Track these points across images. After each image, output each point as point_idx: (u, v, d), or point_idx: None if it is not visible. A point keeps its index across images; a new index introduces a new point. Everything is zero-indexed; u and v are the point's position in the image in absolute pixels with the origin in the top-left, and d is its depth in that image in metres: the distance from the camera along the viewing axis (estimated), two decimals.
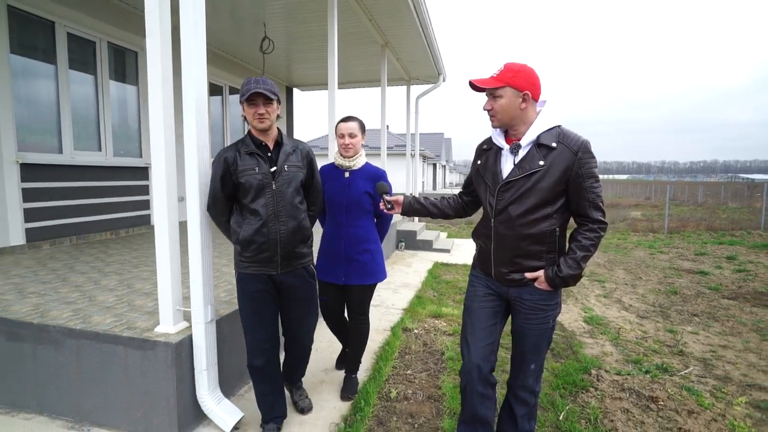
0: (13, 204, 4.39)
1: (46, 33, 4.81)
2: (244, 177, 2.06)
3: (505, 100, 1.71)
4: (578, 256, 1.71)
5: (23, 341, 2.45)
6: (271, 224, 2.08)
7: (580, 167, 1.67)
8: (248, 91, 1.98)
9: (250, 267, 2.13)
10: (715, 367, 3.28)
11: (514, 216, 1.75)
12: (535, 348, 1.87)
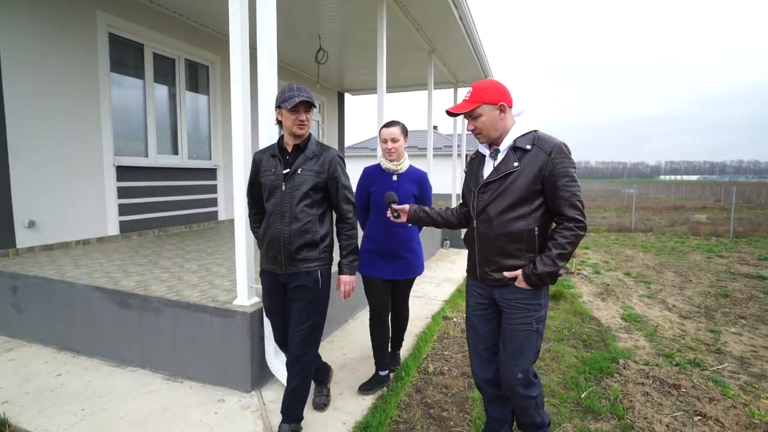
0: (111, 200, 5.19)
1: (137, 54, 5.61)
2: (264, 177, 2.22)
3: (485, 117, 1.83)
4: (553, 254, 1.75)
5: (132, 309, 3.05)
6: (277, 224, 2.15)
7: (554, 167, 1.74)
8: (292, 98, 2.07)
9: (265, 263, 2.26)
10: (752, 365, 3.31)
11: (493, 215, 1.83)
12: (519, 352, 1.86)
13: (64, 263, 3.93)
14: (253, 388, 2.73)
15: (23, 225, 4.29)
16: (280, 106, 2.14)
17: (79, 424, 2.40)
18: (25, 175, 4.28)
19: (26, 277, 3.56)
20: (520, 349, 1.86)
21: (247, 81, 2.80)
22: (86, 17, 4.83)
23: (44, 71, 4.41)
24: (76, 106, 4.75)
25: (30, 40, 4.28)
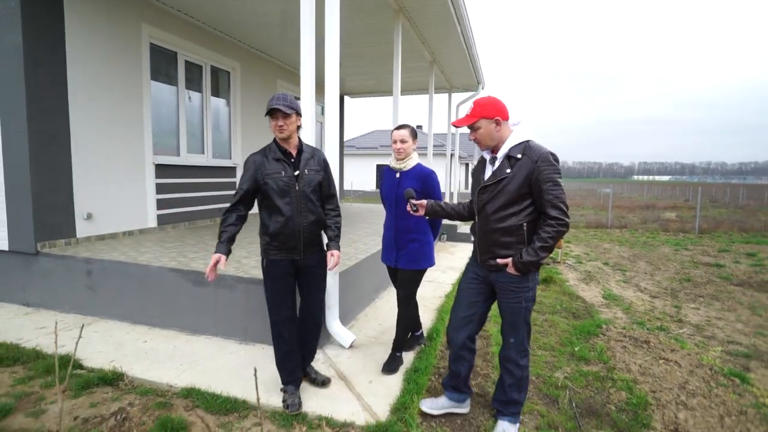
0: (151, 195, 5.71)
1: (172, 61, 6.13)
2: (270, 179, 2.44)
3: (483, 129, 2.19)
4: (536, 246, 2.08)
5: (206, 286, 3.65)
6: (296, 219, 2.46)
7: (540, 173, 2.05)
8: (269, 106, 2.37)
9: (278, 254, 2.50)
10: (705, 330, 4.14)
11: (489, 213, 2.19)
12: (512, 324, 2.29)
13: (125, 250, 4.47)
14: (321, 345, 3.38)
15: (82, 217, 4.79)
16: (268, 113, 2.43)
17: (183, 375, 3.00)
18: (84, 173, 4.78)
19: (101, 261, 4.11)
20: (513, 322, 2.29)
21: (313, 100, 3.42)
22: (133, 29, 5.34)
23: (100, 80, 4.92)
24: (124, 110, 5.26)
25: (89, 54, 4.78)
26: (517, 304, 2.24)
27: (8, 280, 4.52)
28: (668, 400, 2.65)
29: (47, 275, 4.35)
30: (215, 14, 6.19)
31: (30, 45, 4.18)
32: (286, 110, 2.36)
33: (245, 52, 7.55)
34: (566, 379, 2.98)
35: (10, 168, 4.33)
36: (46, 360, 3.14)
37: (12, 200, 4.38)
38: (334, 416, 2.46)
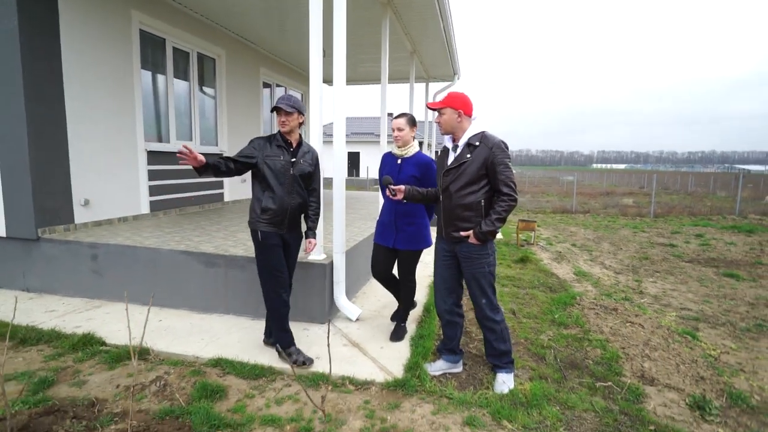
0: (144, 182, 5.77)
1: (160, 48, 6.12)
2: (270, 160, 2.82)
3: (447, 116, 2.62)
4: (492, 218, 2.50)
5: (218, 267, 3.87)
6: (286, 198, 2.85)
7: (494, 158, 2.48)
8: (286, 107, 2.79)
9: (268, 226, 2.86)
10: (662, 299, 4.74)
11: (453, 192, 2.59)
12: (480, 288, 2.65)
13: (127, 235, 4.58)
14: (327, 320, 3.69)
15: (80, 203, 4.83)
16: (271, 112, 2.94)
17: (207, 347, 3.24)
18: (80, 159, 4.81)
19: (106, 245, 4.23)
20: (480, 286, 2.67)
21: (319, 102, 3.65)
22: (123, 16, 5.33)
23: (93, 67, 4.92)
24: (117, 96, 5.28)
25: (82, 41, 4.77)
26: (481, 269, 2.64)
27: (7, 267, 4.55)
28: (635, 354, 3.15)
29: (49, 260, 4.41)
30: (201, 1, 6.21)
31: (25, 30, 4.16)
32: (287, 109, 2.79)
33: (230, 39, 7.57)
34: (550, 340, 3.44)
35: (7, 153, 4.32)
36: (69, 338, 3.29)
37: (9, 186, 4.38)
38: (355, 376, 2.79)
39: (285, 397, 2.58)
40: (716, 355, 3.28)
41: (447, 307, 2.88)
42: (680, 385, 2.76)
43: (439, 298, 2.92)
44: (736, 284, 5.39)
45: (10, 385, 2.66)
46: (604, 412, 2.48)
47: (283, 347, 3.00)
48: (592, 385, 2.78)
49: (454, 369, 2.94)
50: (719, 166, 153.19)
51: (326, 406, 2.49)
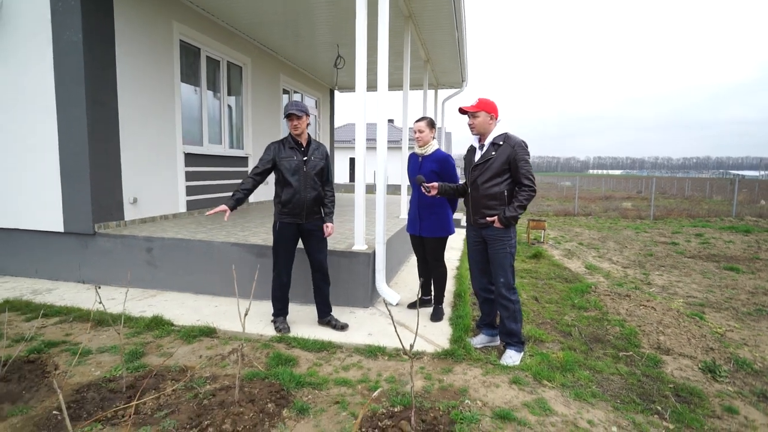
0: (181, 182, 6.14)
1: (196, 57, 6.52)
2: (284, 161, 3.30)
3: (480, 119, 2.99)
4: (515, 205, 2.89)
5: (267, 257, 4.22)
6: (302, 192, 3.32)
7: (516, 155, 2.88)
8: (286, 111, 3.29)
9: (288, 218, 3.36)
10: (670, 289, 5.14)
11: (479, 184, 3.00)
12: (501, 266, 3.00)
13: (176, 230, 4.95)
14: (370, 304, 4.06)
15: (129, 201, 5.20)
16: (285, 116, 3.34)
17: (268, 327, 3.60)
18: (130, 162, 5.18)
19: (161, 239, 4.59)
20: (501, 265, 3.02)
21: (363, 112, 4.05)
22: (166, 28, 5.73)
23: (141, 75, 5.31)
24: (160, 102, 5.66)
25: (133, 51, 5.16)
26: (503, 250, 3.01)
27: (64, 260, 4.90)
28: (650, 330, 3.54)
29: (105, 254, 4.77)
30: (228, 13, 6.61)
31: (88, 41, 4.56)
32: (298, 113, 3.27)
33: (255, 48, 7.98)
34: (573, 320, 3.83)
35: (68, 155, 4.69)
36: (140, 321, 3.65)
37: (68, 186, 4.74)
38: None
39: (350, 365, 2.95)
40: (722, 332, 3.67)
41: (482, 286, 3.28)
42: (692, 354, 3.15)
43: (474, 278, 3.33)
44: (737, 276, 5.80)
45: (105, 356, 3.02)
46: (628, 375, 2.87)
47: (273, 314, 3.59)
48: (615, 355, 3.17)
49: (494, 342, 3.32)
50: (714, 171, 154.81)
51: (387, 371, 2.86)
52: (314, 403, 2.42)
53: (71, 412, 2.31)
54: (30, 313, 3.86)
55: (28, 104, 4.73)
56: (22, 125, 4.78)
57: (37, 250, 5.00)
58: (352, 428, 2.18)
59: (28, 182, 4.86)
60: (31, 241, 4.99)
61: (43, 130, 4.71)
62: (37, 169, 4.81)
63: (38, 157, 4.78)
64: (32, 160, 4.81)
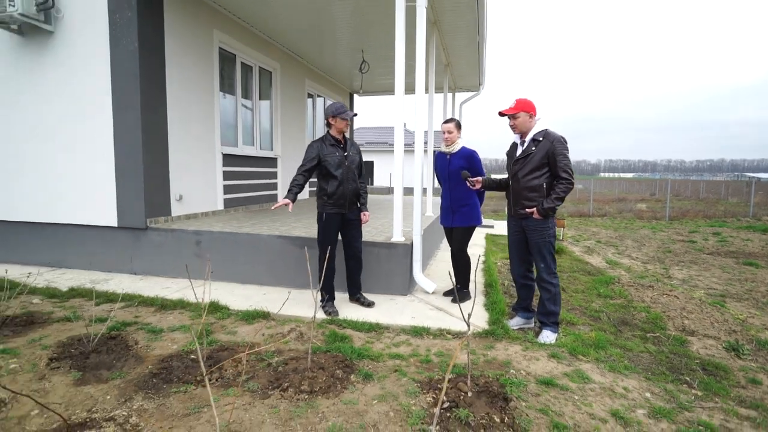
0: (219, 181, 6.49)
1: (232, 62, 6.90)
2: (327, 157, 3.67)
3: (521, 119, 3.26)
4: (552, 197, 3.13)
5: (311, 249, 4.53)
6: (345, 184, 3.70)
7: (554, 150, 3.11)
8: (345, 112, 3.69)
9: (333, 209, 3.73)
10: (690, 282, 5.35)
11: (521, 177, 3.27)
12: (541, 254, 3.28)
13: (220, 225, 5.28)
14: (408, 292, 4.35)
15: (175, 198, 5.56)
16: (335, 116, 3.69)
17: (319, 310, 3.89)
18: (176, 162, 5.54)
19: (210, 233, 4.93)
20: (541, 253, 3.30)
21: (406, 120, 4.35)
22: (208, 36, 6.11)
23: (185, 81, 5.68)
24: (201, 106, 6.03)
25: (178, 58, 5.53)
26: (542, 239, 3.28)
27: (117, 253, 5.26)
28: (675, 315, 3.77)
29: (156, 247, 5.12)
30: (262, 22, 6.97)
31: (143, 50, 4.93)
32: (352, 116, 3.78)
33: (284, 54, 8.35)
34: (600, 307, 4.07)
35: (123, 155, 5.05)
36: (198, 306, 3.97)
37: (122, 183, 5.11)
38: (450, 328, 3.45)
39: (399, 342, 3.23)
40: (743, 318, 3.89)
41: (521, 273, 3.55)
42: (716, 335, 3.38)
43: (513, 266, 3.59)
44: (756, 271, 5.97)
45: (177, 334, 3.34)
46: (656, 352, 3.11)
47: (322, 298, 3.87)
48: (643, 336, 3.41)
49: (529, 324, 3.58)
50: (729, 174, 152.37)
51: (435, 347, 3.14)
52: (375, 371, 2.71)
53: (162, 376, 2.63)
54: (96, 299, 4.20)
55: (87, 108, 5.11)
56: (80, 129, 5.17)
57: (91, 244, 5.37)
58: (413, 389, 2.46)
59: (84, 181, 5.23)
60: (86, 235, 5.36)
61: (99, 132, 5.08)
62: (93, 169, 5.18)
63: (94, 157, 5.15)
64: (89, 160, 5.19)
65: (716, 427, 2.19)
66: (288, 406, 2.28)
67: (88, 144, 5.16)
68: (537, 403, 2.35)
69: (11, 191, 5.54)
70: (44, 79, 5.24)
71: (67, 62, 5.16)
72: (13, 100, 5.39)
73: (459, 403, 2.26)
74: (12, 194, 5.54)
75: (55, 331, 3.35)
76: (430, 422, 2.14)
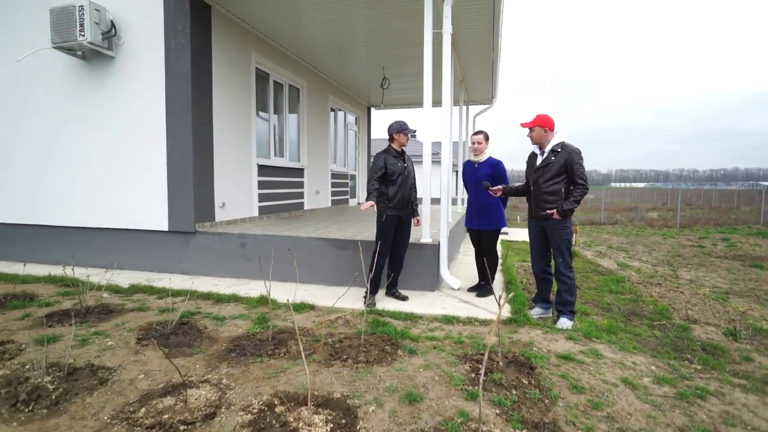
0: (255, 190, 7.04)
1: (266, 81, 7.50)
2: (392, 166, 4.21)
3: (536, 133, 3.77)
4: (571, 200, 3.59)
5: (348, 249, 5.02)
6: (404, 190, 4.25)
7: (572, 160, 3.59)
8: (407, 129, 4.30)
9: (393, 211, 4.22)
10: (696, 282, 5.72)
11: (541, 183, 3.74)
12: (559, 250, 3.73)
13: (259, 230, 5.80)
14: (435, 288, 4.80)
15: (219, 206, 6.10)
16: (399, 132, 4.30)
17: (357, 303, 4.36)
18: (219, 172, 6.09)
19: (254, 236, 5.45)
20: (560, 249, 3.76)
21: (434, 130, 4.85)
22: (246, 58, 6.71)
23: (227, 99, 6.26)
24: (240, 121, 6.61)
25: (222, 77, 6.13)
26: (561, 237, 3.75)
27: (167, 255, 5.80)
28: (680, 307, 4.17)
29: (204, 249, 5.65)
30: (294, 43, 7.57)
31: (194, 72, 5.52)
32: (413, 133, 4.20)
33: (310, 72, 8.96)
34: (611, 301, 4.48)
35: (175, 166, 5.62)
36: (249, 299, 4.47)
37: (173, 192, 5.66)
38: (478, 317, 3.89)
39: (434, 327, 3.68)
40: (743, 311, 4.27)
41: (540, 268, 3.99)
42: (717, 323, 3.78)
43: (534, 262, 4.04)
44: (760, 272, 6.31)
45: (238, 321, 3.83)
46: (662, 337, 3.53)
47: (369, 291, 4.21)
48: (651, 324, 3.82)
49: (547, 314, 4.01)
50: (743, 183, 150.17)
51: (465, 331, 3.58)
52: (417, 348, 3.16)
53: (237, 351, 3.11)
54: (156, 294, 4.73)
55: (143, 125, 5.71)
56: (136, 143, 5.76)
57: (142, 247, 5.92)
58: (452, 360, 2.92)
59: (139, 189, 5.80)
60: (139, 239, 5.92)
61: (154, 146, 5.66)
62: (146, 178, 5.76)
63: (148, 168, 5.73)
64: (143, 170, 5.76)
65: (712, 391, 2.60)
66: (350, 372, 2.75)
67: (144, 155, 5.74)
68: (558, 371, 2.78)
69: (67, 198, 6.14)
70: (104, 99, 5.87)
71: (126, 83, 5.77)
72: (73, 116, 6.02)
73: (493, 370, 2.71)
74: (68, 201, 6.14)
75: (133, 318, 3.87)
76: (469, 384, 2.58)
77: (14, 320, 3.81)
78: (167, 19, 5.52)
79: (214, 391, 2.56)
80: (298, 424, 2.16)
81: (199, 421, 2.25)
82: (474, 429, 2.14)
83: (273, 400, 2.43)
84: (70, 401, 2.46)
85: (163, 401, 2.44)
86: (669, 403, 2.43)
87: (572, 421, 2.23)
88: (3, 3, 6.28)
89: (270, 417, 2.26)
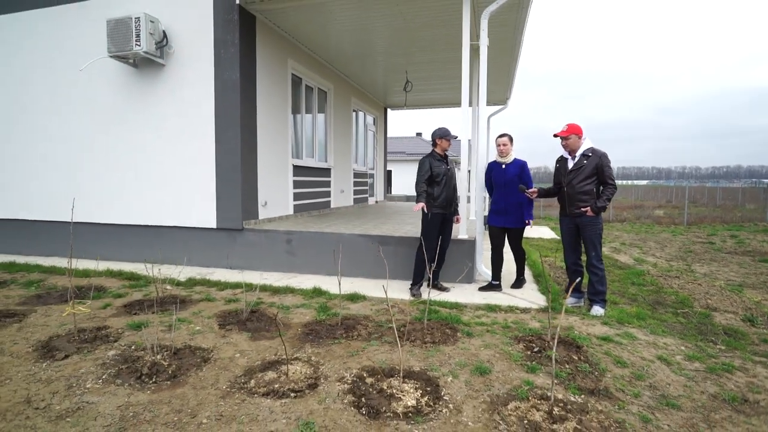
0: (291, 190, 7.45)
1: (299, 85, 7.90)
2: (437, 169, 4.63)
3: (572, 140, 4.14)
4: (603, 198, 4.00)
5: (388, 245, 5.43)
6: (448, 191, 4.65)
7: (602, 163, 4.00)
8: (449, 135, 4.71)
9: (438, 209, 4.62)
10: (710, 275, 6.11)
11: (575, 184, 4.11)
12: (592, 243, 4.10)
13: (302, 226, 6.20)
14: (472, 280, 5.21)
15: (261, 204, 6.51)
16: (442, 138, 4.71)
17: (402, 294, 4.77)
18: (262, 173, 6.50)
19: (300, 233, 5.86)
20: (592, 242, 4.12)
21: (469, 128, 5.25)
22: (283, 64, 7.11)
23: (269, 105, 6.66)
24: (279, 124, 7.01)
25: (264, 85, 6.53)
26: (594, 232, 4.14)
27: (215, 251, 6.22)
28: (700, 297, 4.57)
29: (251, 245, 6.06)
30: (327, 49, 7.97)
31: (242, 79, 5.92)
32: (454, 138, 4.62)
33: (336, 75, 9.36)
34: (635, 292, 4.89)
35: (223, 167, 6.03)
36: (304, 291, 4.88)
37: (222, 190, 6.07)
38: (517, 305, 4.30)
39: (480, 314, 4.09)
40: (758, 300, 4.67)
41: (573, 261, 4.40)
42: (735, 311, 4.19)
43: (567, 255, 4.44)
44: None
45: (302, 309, 4.24)
46: (686, 323, 3.93)
47: (414, 282, 4.75)
48: (675, 312, 4.23)
49: (579, 303, 4.41)
50: (746, 180, 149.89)
51: (509, 318, 3.99)
52: (473, 332, 3.57)
53: (314, 335, 3.53)
54: (214, 286, 5.14)
55: (193, 129, 6.11)
56: (186, 147, 6.16)
57: (192, 243, 6.33)
58: (507, 341, 3.33)
59: (189, 189, 6.21)
60: (188, 236, 6.33)
61: (203, 149, 6.07)
62: (197, 179, 6.16)
63: (197, 170, 6.14)
64: (193, 172, 6.17)
65: (737, 366, 3.00)
66: (420, 351, 3.16)
67: (193, 158, 6.15)
68: (600, 350, 3.19)
69: (119, 198, 6.55)
70: (154, 105, 6.27)
71: (176, 90, 6.18)
72: (123, 120, 6.42)
73: (545, 348, 3.12)
74: (120, 201, 6.55)
75: (206, 307, 4.28)
76: (527, 360, 3.00)
77: (99, 309, 4.22)
78: (217, 29, 5.91)
79: (307, 366, 2.97)
80: (392, 391, 2.57)
81: (306, 389, 2.66)
82: (540, 395, 2.55)
83: (362, 373, 2.85)
84: (186, 375, 2.87)
85: (266, 375, 2.86)
86: (700, 376, 2.84)
87: (621, 389, 2.63)
88: (60, 16, 6.68)
89: (364, 386, 2.68)
